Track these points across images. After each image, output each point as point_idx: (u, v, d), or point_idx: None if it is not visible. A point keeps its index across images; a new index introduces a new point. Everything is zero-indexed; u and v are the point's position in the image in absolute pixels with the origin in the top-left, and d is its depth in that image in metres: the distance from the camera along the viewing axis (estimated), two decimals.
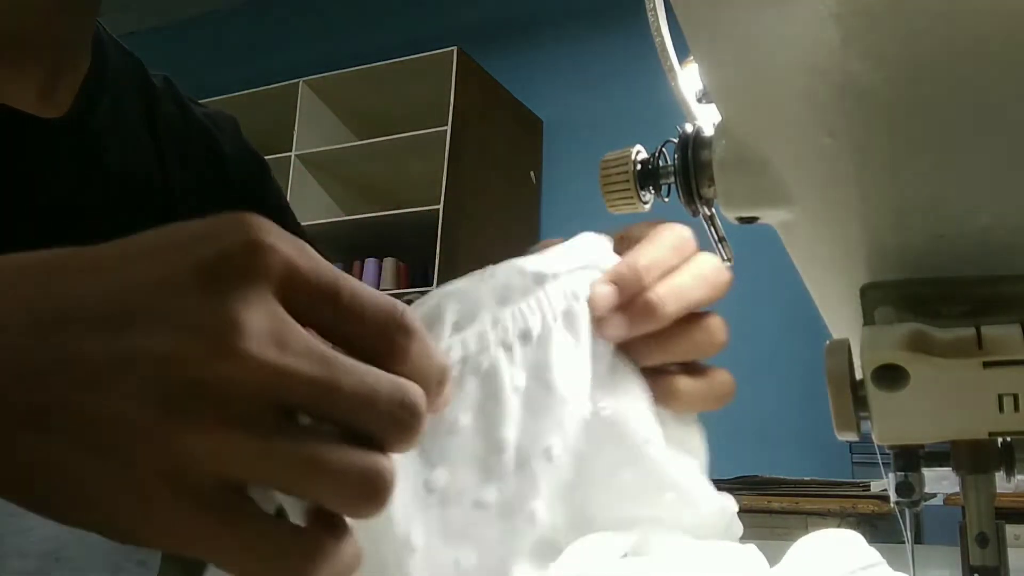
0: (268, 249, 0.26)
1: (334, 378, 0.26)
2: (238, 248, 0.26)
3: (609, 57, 3.19)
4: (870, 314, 0.34)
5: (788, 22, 0.28)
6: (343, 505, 0.27)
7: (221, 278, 0.25)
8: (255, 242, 0.26)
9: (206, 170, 0.71)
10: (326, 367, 0.26)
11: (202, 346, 0.24)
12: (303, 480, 0.26)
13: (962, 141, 0.30)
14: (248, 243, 0.26)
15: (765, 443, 2.56)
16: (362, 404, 0.26)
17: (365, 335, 0.28)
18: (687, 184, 0.39)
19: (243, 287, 0.25)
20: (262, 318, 0.25)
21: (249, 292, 0.25)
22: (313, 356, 0.26)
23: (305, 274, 0.27)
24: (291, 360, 0.25)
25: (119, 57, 0.68)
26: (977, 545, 0.31)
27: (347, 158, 3.28)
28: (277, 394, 0.25)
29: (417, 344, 0.28)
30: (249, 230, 0.26)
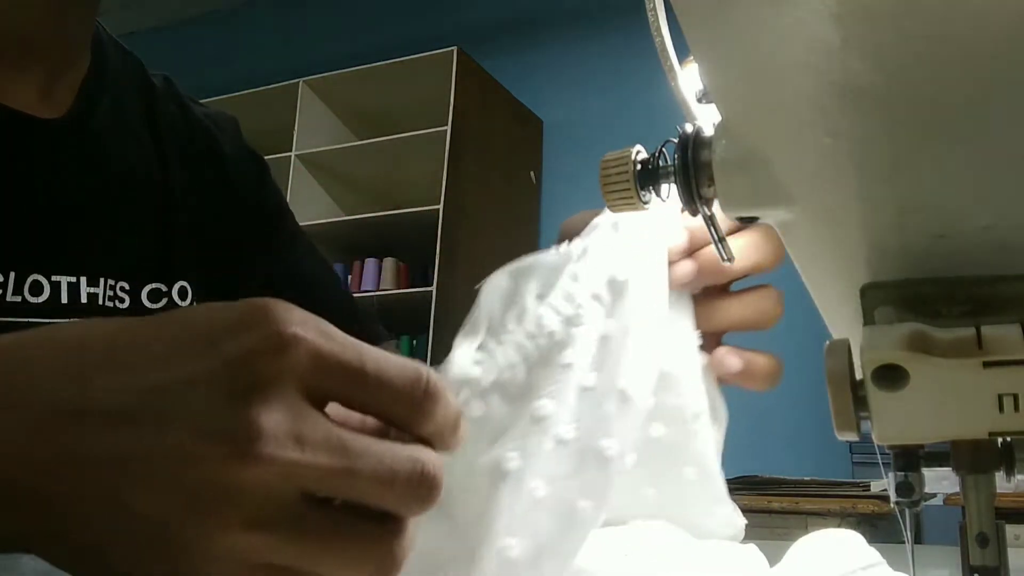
0: (293, 344, 0.26)
1: (352, 466, 0.27)
2: (263, 346, 0.26)
3: (609, 57, 3.19)
4: (870, 314, 0.34)
5: (788, 22, 0.28)
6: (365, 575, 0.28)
7: (245, 379, 0.26)
8: (281, 338, 0.26)
9: (206, 170, 0.71)
10: (344, 456, 0.27)
11: (223, 449, 0.25)
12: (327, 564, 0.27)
13: (962, 140, 0.30)
14: (274, 340, 0.26)
15: (765, 443, 2.56)
16: (381, 486, 0.28)
17: (393, 404, 0.29)
18: (687, 184, 0.39)
19: (267, 388, 0.26)
20: (282, 418, 0.26)
21: (272, 392, 0.26)
22: (332, 447, 0.27)
23: (329, 359, 0.27)
24: (309, 456, 0.26)
25: (119, 57, 0.68)
26: (977, 545, 0.31)
27: (347, 158, 3.28)
28: (298, 486, 0.27)
29: (441, 405, 0.29)
30: (274, 324, 0.27)
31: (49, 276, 0.57)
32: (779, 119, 0.34)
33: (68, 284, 0.58)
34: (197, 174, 0.70)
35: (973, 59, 0.27)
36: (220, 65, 3.87)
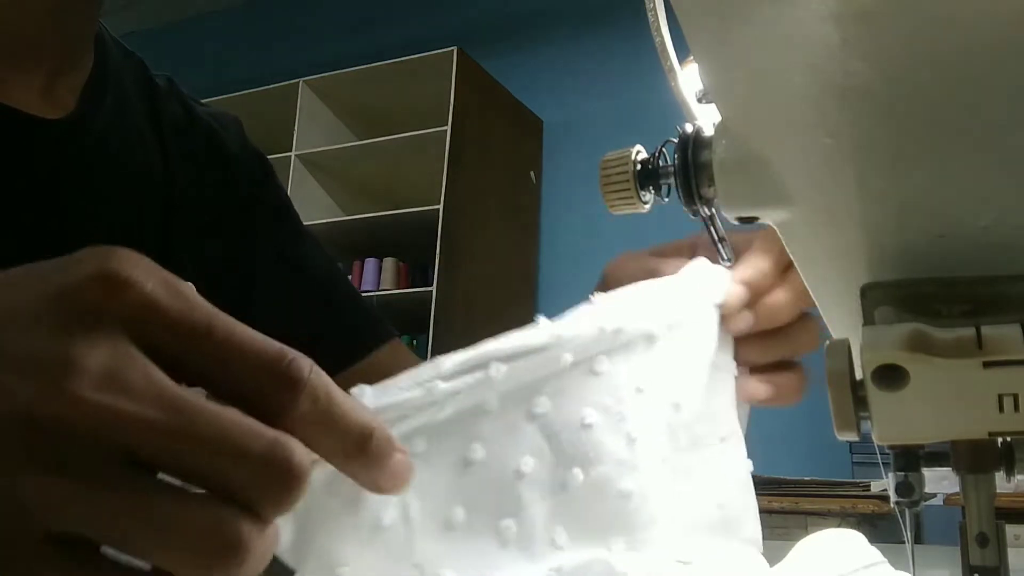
0: (123, 283, 0.24)
1: (185, 425, 0.23)
2: (90, 281, 0.24)
3: (609, 57, 3.19)
4: (870, 314, 0.34)
5: (788, 22, 0.28)
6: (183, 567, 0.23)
7: (67, 311, 0.24)
8: (109, 275, 0.24)
9: (210, 169, 0.71)
10: (175, 413, 0.23)
11: (33, 384, 0.23)
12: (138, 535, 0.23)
13: (962, 141, 0.30)
14: (101, 276, 0.24)
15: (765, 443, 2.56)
16: (222, 455, 0.23)
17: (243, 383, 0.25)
18: (687, 184, 0.39)
19: (90, 322, 0.24)
20: (103, 357, 0.23)
21: (96, 328, 0.24)
22: (162, 400, 0.23)
23: (168, 311, 0.24)
24: (130, 404, 0.23)
25: (122, 58, 0.69)
26: (977, 545, 0.31)
27: (347, 158, 3.28)
28: (116, 440, 0.23)
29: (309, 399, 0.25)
30: (107, 262, 0.24)
31: None
32: (779, 119, 0.34)
33: None
34: (201, 174, 0.70)
35: (973, 59, 0.27)
36: (220, 65, 3.87)
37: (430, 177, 2.99)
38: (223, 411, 0.24)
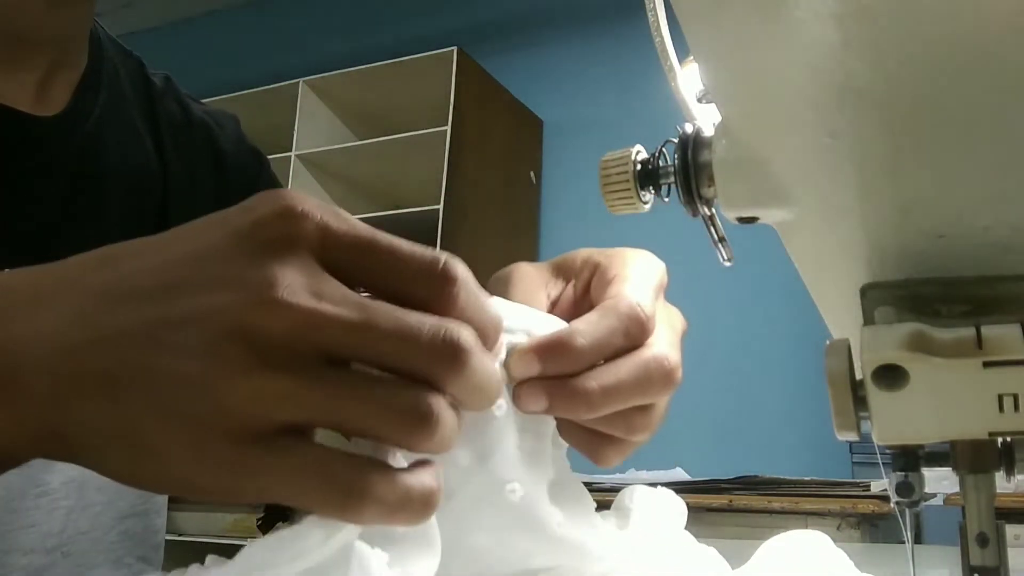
0: (300, 215, 0.28)
1: (370, 319, 0.27)
2: (270, 216, 0.28)
3: (609, 57, 3.19)
4: (870, 314, 0.34)
5: (788, 22, 0.28)
6: (391, 436, 0.28)
7: (257, 243, 0.27)
8: (287, 208, 0.28)
9: (205, 167, 0.71)
10: (362, 311, 0.27)
11: (241, 299, 0.26)
12: (344, 414, 0.27)
13: (962, 141, 0.30)
14: (280, 210, 0.28)
15: (765, 443, 2.56)
16: (403, 343, 0.27)
17: (408, 284, 0.29)
18: (687, 184, 0.39)
19: (278, 249, 0.27)
20: (297, 273, 0.27)
21: (285, 253, 0.27)
22: (349, 303, 0.27)
23: (339, 232, 0.28)
24: (326, 306, 0.27)
25: (118, 56, 0.69)
26: (977, 545, 0.31)
27: (347, 158, 3.27)
28: (315, 338, 0.27)
29: (463, 291, 0.29)
30: (281, 199, 0.28)
31: None
32: (779, 119, 0.34)
33: None
34: (196, 171, 0.70)
35: (973, 59, 0.27)
36: (220, 65, 3.87)
37: (430, 177, 2.99)
38: (397, 308, 0.28)
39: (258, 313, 0.26)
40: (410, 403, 0.27)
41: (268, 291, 0.26)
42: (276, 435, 0.27)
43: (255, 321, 0.26)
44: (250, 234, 0.28)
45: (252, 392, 0.26)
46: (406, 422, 0.27)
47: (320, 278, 0.27)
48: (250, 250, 0.27)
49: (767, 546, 0.45)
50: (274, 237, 0.27)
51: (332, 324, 0.27)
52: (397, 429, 0.27)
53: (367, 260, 0.29)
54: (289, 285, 0.27)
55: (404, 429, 0.27)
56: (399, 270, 0.29)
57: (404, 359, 0.28)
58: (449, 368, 0.28)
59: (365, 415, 0.27)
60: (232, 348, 0.26)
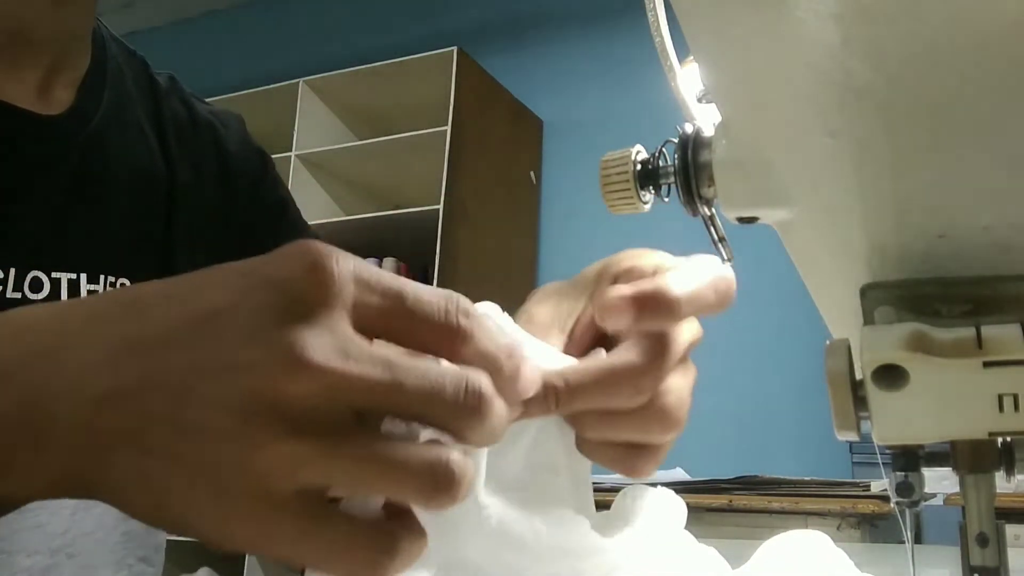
0: (330, 275, 0.28)
1: (396, 378, 0.28)
2: (300, 274, 0.28)
3: (609, 57, 3.18)
4: (870, 314, 0.34)
5: (788, 22, 0.28)
6: (415, 498, 0.28)
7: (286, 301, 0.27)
8: (318, 266, 0.28)
9: (209, 167, 0.71)
10: (388, 369, 0.28)
11: (269, 360, 0.26)
12: (371, 478, 0.27)
13: (962, 141, 0.30)
14: (310, 268, 0.28)
15: (765, 443, 2.56)
16: (428, 398, 0.28)
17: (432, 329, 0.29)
18: (687, 184, 0.39)
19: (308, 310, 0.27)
20: (328, 335, 0.27)
21: (313, 314, 0.27)
22: (375, 361, 0.27)
23: (370, 289, 0.29)
24: (354, 367, 0.27)
25: (122, 55, 0.69)
26: (977, 545, 0.31)
27: (347, 158, 3.27)
28: (345, 399, 0.27)
29: (478, 325, 0.30)
30: (310, 255, 0.28)
31: (49, 273, 0.57)
32: (779, 119, 0.34)
33: (68, 281, 0.58)
34: (200, 171, 0.70)
35: (973, 59, 0.27)
36: (220, 65, 3.87)
37: (430, 177, 2.99)
38: (420, 362, 0.28)
39: (286, 377, 0.26)
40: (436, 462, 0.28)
41: (296, 353, 0.26)
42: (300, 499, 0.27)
43: (282, 385, 0.26)
44: (279, 290, 0.28)
45: (278, 457, 0.26)
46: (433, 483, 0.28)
47: (347, 338, 0.28)
48: (278, 308, 0.27)
49: (767, 546, 0.45)
50: (303, 297, 0.27)
51: (359, 386, 0.27)
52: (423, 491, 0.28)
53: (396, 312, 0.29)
54: (317, 347, 0.27)
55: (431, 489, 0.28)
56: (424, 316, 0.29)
57: (430, 414, 0.28)
58: (471, 419, 0.29)
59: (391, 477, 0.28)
60: (258, 410, 0.26)
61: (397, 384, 0.28)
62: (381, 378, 0.27)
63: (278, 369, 0.26)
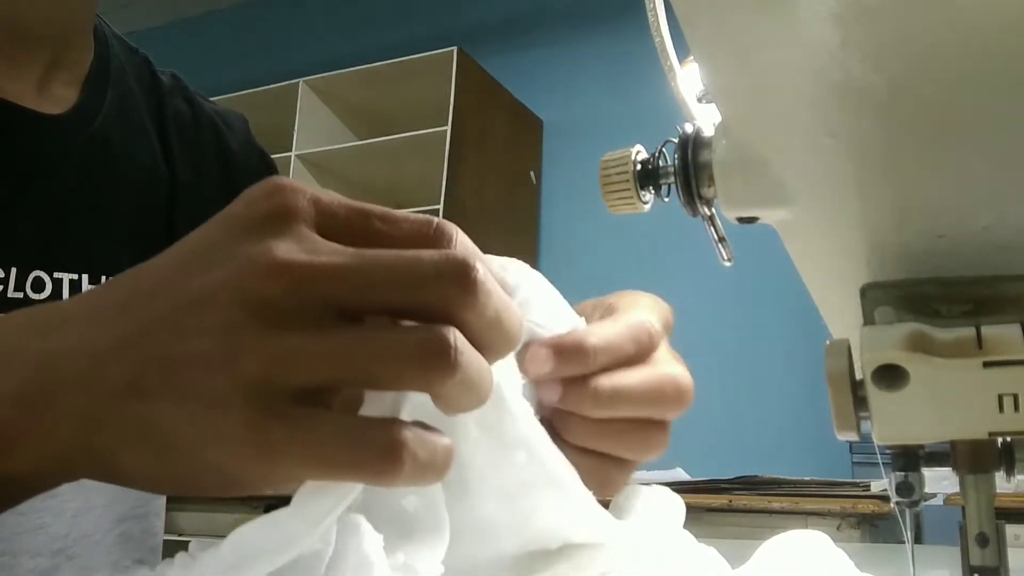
0: (290, 190, 0.28)
1: (368, 259, 0.27)
2: (261, 195, 0.29)
3: (609, 57, 3.18)
4: (870, 314, 0.34)
5: (788, 22, 0.28)
6: (413, 379, 0.27)
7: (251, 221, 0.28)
8: (277, 186, 0.29)
9: (212, 166, 0.71)
10: (359, 256, 0.27)
11: (242, 271, 0.27)
12: (360, 363, 0.27)
13: (962, 141, 0.30)
14: (271, 188, 0.29)
15: (765, 443, 2.56)
16: (407, 275, 0.27)
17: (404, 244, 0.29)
18: (687, 184, 0.39)
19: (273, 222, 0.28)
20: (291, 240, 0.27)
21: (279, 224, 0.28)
22: (343, 252, 0.27)
23: (331, 203, 0.29)
24: (323, 258, 0.27)
25: (125, 53, 0.69)
26: (977, 545, 0.31)
27: (347, 158, 3.27)
28: (318, 290, 0.27)
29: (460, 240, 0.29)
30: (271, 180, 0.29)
31: (51, 273, 0.57)
32: (779, 119, 0.34)
33: (70, 281, 0.58)
34: (202, 170, 0.70)
35: (973, 59, 0.27)
36: (220, 65, 3.87)
37: (430, 177, 2.99)
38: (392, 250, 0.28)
39: (257, 280, 0.27)
40: (425, 337, 0.27)
41: (264, 258, 0.27)
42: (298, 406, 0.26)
43: (257, 287, 0.27)
44: (244, 215, 0.28)
45: (266, 357, 0.26)
46: (425, 358, 0.26)
47: (312, 239, 0.28)
48: (246, 228, 0.28)
49: (767, 546, 0.45)
50: (267, 212, 0.28)
51: (331, 273, 0.27)
52: (417, 368, 0.26)
53: (361, 225, 0.29)
54: (283, 248, 0.27)
55: (424, 366, 0.26)
56: (394, 233, 0.29)
57: (412, 292, 0.27)
58: (461, 290, 0.27)
59: (381, 358, 0.27)
60: (237, 319, 0.27)
61: (369, 266, 0.27)
62: (352, 262, 0.27)
63: (248, 276, 0.27)
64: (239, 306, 0.27)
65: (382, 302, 0.27)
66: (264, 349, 0.26)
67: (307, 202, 0.28)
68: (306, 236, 0.28)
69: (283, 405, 0.26)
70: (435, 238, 0.29)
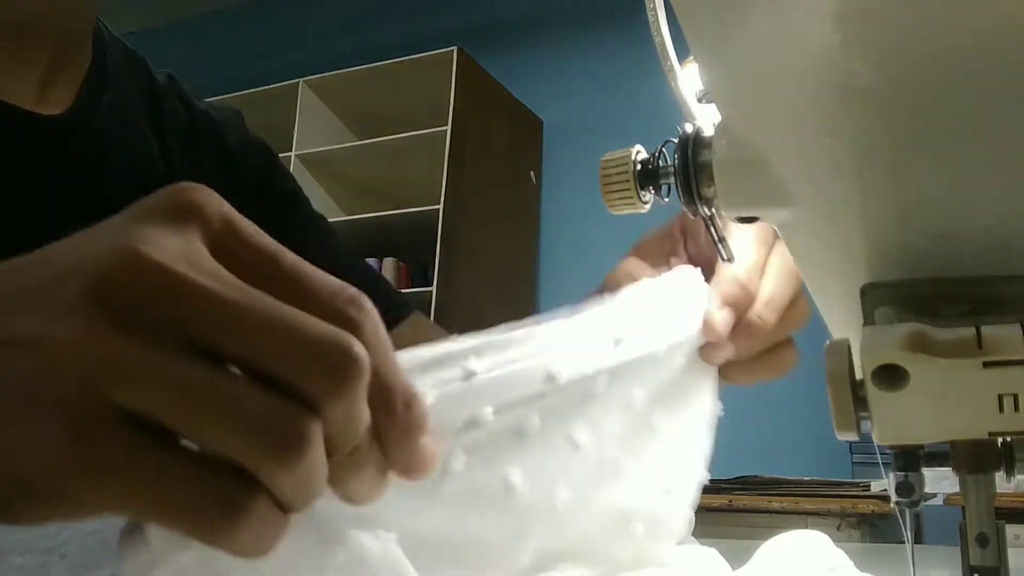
0: (205, 195, 0.25)
1: (250, 305, 0.23)
2: (169, 194, 0.25)
3: (609, 57, 3.19)
4: (870, 314, 0.34)
5: (788, 22, 0.28)
6: (246, 453, 0.22)
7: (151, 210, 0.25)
8: (190, 189, 0.25)
9: (212, 166, 0.71)
10: (243, 293, 0.23)
11: (104, 254, 0.23)
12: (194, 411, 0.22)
13: (963, 141, 0.30)
14: (182, 189, 0.25)
15: (765, 443, 2.56)
16: (282, 339, 0.23)
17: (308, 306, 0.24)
18: (687, 184, 0.39)
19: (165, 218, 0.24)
20: (178, 241, 0.24)
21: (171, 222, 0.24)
22: (230, 283, 0.23)
23: (242, 229, 0.25)
24: (200, 278, 0.23)
25: (122, 55, 0.68)
26: (977, 545, 0.31)
27: (347, 158, 3.28)
28: (180, 311, 0.23)
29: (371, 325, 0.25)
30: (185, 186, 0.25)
31: None
32: (779, 119, 0.34)
33: None
34: (201, 170, 0.70)
35: (973, 59, 0.27)
36: (220, 65, 3.87)
37: (430, 177, 2.99)
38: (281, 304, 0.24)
39: (117, 268, 0.23)
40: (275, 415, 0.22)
41: (133, 243, 0.23)
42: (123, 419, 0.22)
43: (112, 275, 0.23)
44: (148, 204, 0.25)
45: (95, 355, 0.22)
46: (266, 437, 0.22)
47: (200, 252, 0.24)
48: (140, 216, 0.24)
49: (767, 546, 0.45)
50: (170, 205, 0.25)
51: (201, 298, 0.23)
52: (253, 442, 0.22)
53: (266, 265, 0.25)
54: (160, 244, 0.23)
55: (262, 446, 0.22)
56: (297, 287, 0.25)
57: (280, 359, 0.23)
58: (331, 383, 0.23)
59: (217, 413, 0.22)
60: (83, 306, 0.23)
61: (246, 310, 0.23)
62: (229, 296, 0.23)
63: (107, 262, 0.23)
64: (85, 292, 0.23)
65: (244, 355, 0.23)
66: (95, 347, 0.22)
67: (219, 214, 0.25)
68: (197, 247, 0.24)
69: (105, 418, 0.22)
70: (340, 312, 0.25)
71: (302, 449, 0.22)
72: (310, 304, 0.24)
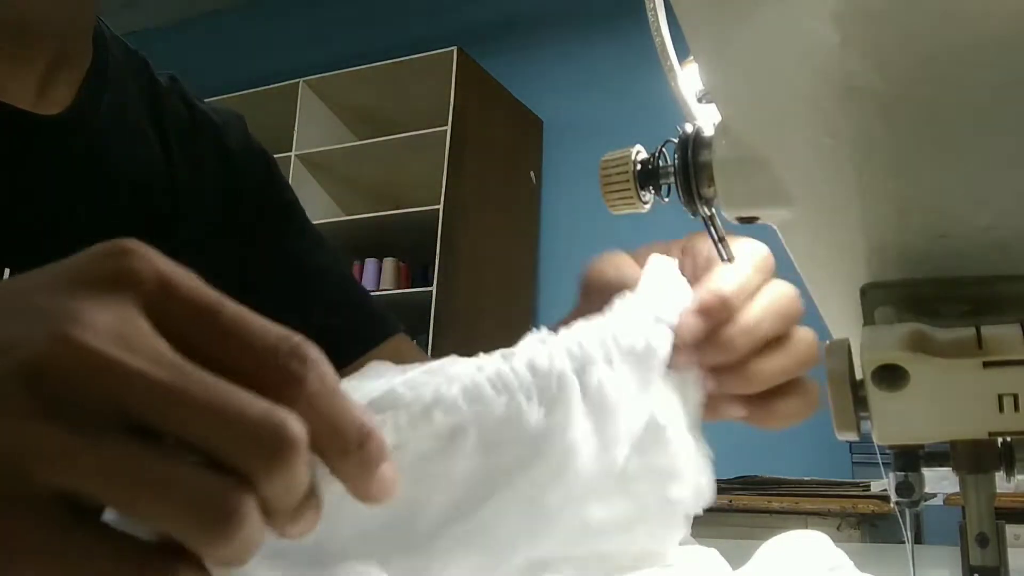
0: (139, 256, 0.25)
1: (184, 387, 0.23)
2: (103, 252, 0.25)
3: (609, 57, 3.19)
4: (870, 314, 0.34)
5: (788, 22, 0.28)
6: (181, 530, 0.23)
7: (80, 278, 0.24)
8: (125, 248, 0.25)
9: (212, 168, 0.71)
10: (177, 374, 0.23)
11: (39, 333, 0.23)
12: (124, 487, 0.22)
13: (962, 141, 0.30)
14: (117, 249, 0.25)
15: (765, 443, 2.56)
16: (219, 422, 0.23)
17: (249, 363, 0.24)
18: (687, 184, 0.39)
19: (101, 287, 0.24)
20: (111, 317, 0.23)
21: (106, 292, 0.24)
22: (163, 361, 0.23)
23: (178, 288, 0.25)
24: (133, 359, 0.23)
25: (123, 55, 0.68)
26: (977, 545, 0.31)
27: (347, 158, 3.28)
28: (115, 394, 0.23)
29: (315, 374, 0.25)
30: (125, 241, 0.25)
31: None
32: (779, 119, 0.34)
33: None
34: (201, 171, 0.70)
35: (973, 59, 0.27)
36: (220, 65, 3.87)
37: (430, 177, 2.99)
38: (221, 380, 0.24)
39: (50, 350, 0.23)
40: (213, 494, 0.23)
41: (66, 326, 0.23)
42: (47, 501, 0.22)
43: (44, 360, 0.23)
44: (78, 267, 0.25)
45: (20, 439, 0.22)
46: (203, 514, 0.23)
47: (137, 328, 0.24)
48: (72, 283, 0.24)
49: (767, 546, 0.45)
50: (103, 273, 0.24)
51: (133, 381, 0.23)
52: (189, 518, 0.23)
53: (205, 325, 0.25)
54: (95, 325, 0.23)
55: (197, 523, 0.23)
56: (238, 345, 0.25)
57: (215, 441, 0.23)
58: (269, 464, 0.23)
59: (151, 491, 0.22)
60: (11, 387, 0.22)
61: (182, 390, 0.23)
62: (163, 378, 0.23)
63: (45, 340, 0.23)
64: (14, 374, 0.23)
65: (181, 432, 0.23)
66: (21, 428, 0.22)
67: (154, 278, 0.24)
68: (129, 318, 0.24)
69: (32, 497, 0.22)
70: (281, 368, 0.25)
71: (235, 524, 0.23)
72: (250, 361, 0.24)
